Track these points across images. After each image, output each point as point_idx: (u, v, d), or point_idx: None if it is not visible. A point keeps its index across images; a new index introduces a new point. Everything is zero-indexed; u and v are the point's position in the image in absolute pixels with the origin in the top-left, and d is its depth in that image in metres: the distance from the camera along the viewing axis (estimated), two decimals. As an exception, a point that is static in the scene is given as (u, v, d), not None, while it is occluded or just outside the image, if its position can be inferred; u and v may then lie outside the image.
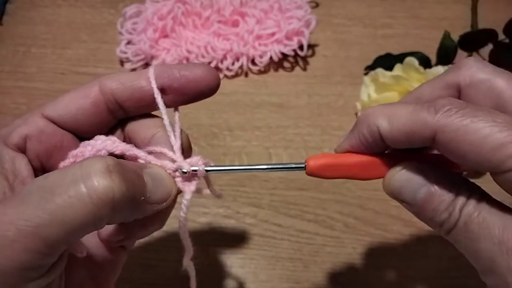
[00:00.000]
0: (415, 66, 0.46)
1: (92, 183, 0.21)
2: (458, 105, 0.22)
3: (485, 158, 0.21)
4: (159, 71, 0.28)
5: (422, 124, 0.22)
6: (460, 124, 0.21)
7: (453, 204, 0.23)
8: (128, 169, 0.23)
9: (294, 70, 0.58)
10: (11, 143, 0.27)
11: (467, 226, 0.22)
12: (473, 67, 0.26)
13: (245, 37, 0.56)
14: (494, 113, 0.21)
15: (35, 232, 0.20)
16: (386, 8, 0.63)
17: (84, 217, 0.21)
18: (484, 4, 0.56)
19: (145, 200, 0.24)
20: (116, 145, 0.26)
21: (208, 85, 0.28)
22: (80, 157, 0.27)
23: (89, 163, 0.21)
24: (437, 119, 0.22)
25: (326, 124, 0.53)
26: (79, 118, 0.28)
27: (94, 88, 0.28)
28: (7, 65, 0.59)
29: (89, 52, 0.60)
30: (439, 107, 0.22)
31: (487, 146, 0.21)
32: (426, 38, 0.59)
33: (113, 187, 0.21)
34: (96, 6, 0.65)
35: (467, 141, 0.21)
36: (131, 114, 0.29)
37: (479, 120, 0.21)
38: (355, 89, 0.54)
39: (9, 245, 0.20)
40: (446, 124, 0.22)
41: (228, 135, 0.52)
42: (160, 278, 0.43)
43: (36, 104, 0.55)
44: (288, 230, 0.46)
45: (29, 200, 0.20)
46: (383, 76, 0.48)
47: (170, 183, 0.26)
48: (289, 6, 0.58)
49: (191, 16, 0.59)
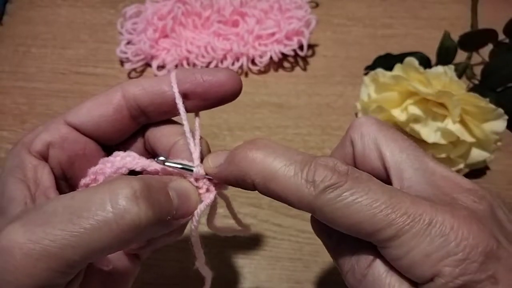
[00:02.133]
0: (415, 66, 0.46)
1: (119, 210, 0.21)
2: (337, 179, 0.22)
3: (363, 237, 0.22)
4: (182, 76, 0.27)
5: (299, 199, 0.22)
6: (337, 206, 0.21)
7: (357, 257, 0.23)
8: (155, 191, 0.23)
9: (294, 70, 0.58)
10: (34, 150, 0.27)
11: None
12: (363, 123, 0.26)
13: (245, 37, 0.56)
14: (371, 193, 0.21)
15: (60, 253, 0.20)
16: (386, 8, 0.63)
17: (110, 242, 0.21)
18: (484, 4, 0.56)
19: (171, 217, 0.24)
20: (136, 162, 0.26)
21: (231, 89, 0.28)
22: (101, 174, 0.27)
23: (116, 186, 0.22)
24: (315, 198, 0.22)
25: (326, 124, 0.53)
26: (101, 124, 0.27)
27: (116, 94, 0.28)
28: (7, 65, 0.59)
29: (89, 52, 0.60)
30: (318, 182, 0.22)
31: (363, 229, 0.21)
32: (426, 38, 0.59)
33: (140, 214, 0.21)
34: (96, 6, 0.65)
35: (345, 223, 0.22)
36: (153, 120, 0.29)
37: (357, 203, 0.21)
38: (355, 89, 0.54)
39: (33, 264, 0.20)
40: (322, 205, 0.22)
41: (228, 135, 0.52)
42: (160, 278, 0.43)
43: (36, 104, 0.56)
44: (288, 230, 0.46)
45: (56, 221, 0.21)
46: (383, 76, 0.48)
47: (195, 196, 0.26)
48: (289, 6, 0.58)
49: (191, 16, 0.59)
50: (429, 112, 0.45)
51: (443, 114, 0.45)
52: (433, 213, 0.21)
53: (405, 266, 0.21)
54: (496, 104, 0.44)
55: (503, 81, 0.49)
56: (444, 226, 0.21)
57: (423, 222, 0.21)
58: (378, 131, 0.26)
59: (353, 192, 0.21)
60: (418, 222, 0.21)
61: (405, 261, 0.21)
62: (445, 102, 0.44)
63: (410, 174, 0.24)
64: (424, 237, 0.20)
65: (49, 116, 0.55)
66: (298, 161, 0.23)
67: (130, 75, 0.58)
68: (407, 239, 0.21)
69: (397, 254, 0.21)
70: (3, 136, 0.53)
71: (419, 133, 0.45)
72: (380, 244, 0.22)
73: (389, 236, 0.21)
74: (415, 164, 0.24)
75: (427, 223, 0.21)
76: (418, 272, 0.21)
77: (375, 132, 0.26)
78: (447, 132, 0.44)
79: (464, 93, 0.44)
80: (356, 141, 0.26)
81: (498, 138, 0.45)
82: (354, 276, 0.23)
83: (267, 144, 0.24)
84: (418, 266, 0.21)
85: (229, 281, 0.43)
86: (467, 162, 0.46)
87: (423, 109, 0.45)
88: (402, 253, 0.21)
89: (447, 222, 0.21)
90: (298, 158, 0.23)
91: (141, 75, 0.58)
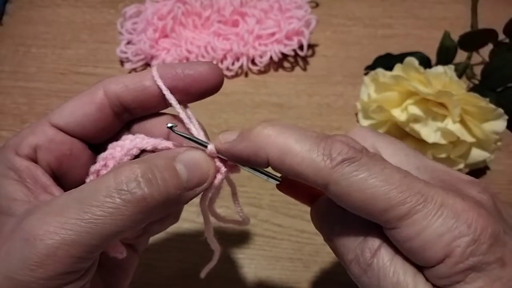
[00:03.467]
0: (415, 66, 0.46)
1: (125, 195, 0.22)
2: (353, 154, 0.22)
3: (374, 216, 0.22)
4: (163, 72, 0.28)
5: (315, 172, 0.22)
6: (353, 180, 0.21)
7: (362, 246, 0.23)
8: (159, 169, 0.24)
9: (294, 70, 0.58)
10: (22, 154, 0.27)
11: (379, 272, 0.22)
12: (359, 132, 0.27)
13: (245, 37, 0.56)
14: (387, 170, 0.22)
15: (78, 240, 0.22)
16: (386, 8, 0.63)
17: (123, 224, 0.23)
18: (484, 4, 0.56)
19: (184, 189, 0.25)
20: (146, 141, 0.27)
21: (213, 83, 0.28)
22: (110, 159, 0.27)
23: (119, 173, 0.23)
24: (331, 170, 0.22)
25: (326, 124, 0.53)
26: (85, 124, 0.28)
27: (98, 93, 0.28)
28: (7, 65, 0.59)
29: (89, 52, 0.60)
30: (335, 155, 0.22)
31: (376, 206, 0.21)
32: (426, 38, 0.59)
33: (144, 195, 0.23)
34: (96, 6, 0.65)
35: (358, 198, 0.22)
36: (137, 115, 0.29)
37: (372, 178, 0.21)
38: (355, 89, 0.54)
39: (53, 252, 0.22)
40: (339, 178, 0.22)
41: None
42: (160, 278, 0.43)
43: (36, 104, 0.56)
44: (288, 230, 0.46)
45: (69, 212, 0.22)
46: (383, 76, 0.48)
47: (205, 164, 0.26)
48: (289, 6, 0.58)
49: (191, 16, 0.59)
50: (429, 112, 0.45)
51: (443, 114, 0.45)
52: (445, 196, 0.21)
53: (416, 247, 0.21)
54: (496, 104, 0.44)
55: (503, 81, 0.49)
56: (456, 208, 0.21)
57: (435, 202, 0.21)
58: (375, 136, 0.26)
59: (369, 168, 0.21)
60: (431, 202, 0.21)
61: (417, 241, 0.21)
62: (445, 102, 0.44)
63: (413, 173, 0.24)
64: (437, 217, 0.21)
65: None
66: (314, 136, 0.23)
67: (130, 75, 0.58)
68: (419, 218, 0.21)
69: (408, 234, 0.21)
70: (3, 136, 0.53)
71: (419, 133, 0.45)
72: (391, 224, 0.21)
73: (401, 214, 0.21)
74: (416, 163, 0.24)
75: (439, 204, 0.21)
76: (430, 253, 0.21)
77: (372, 137, 0.26)
78: (447, 132, 0.44)
79: (464, 93, 0.44)
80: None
81: (498, 138, 0.45)
82: (359, 265, 0.23)
83: (281, 123, 0.24)
84: (431, 246, 0.21)
85: (229, 281, 0.43)
86: (467, 162, 0.46)
87: (423, 109, 0.45)
88: (414, 233, 0.21)
89: (459, 205, 0.21)
90: (314, 134, 0.23)
91: (141, 75, 0.58)
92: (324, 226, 0.26)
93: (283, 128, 0.24)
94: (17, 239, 0.22)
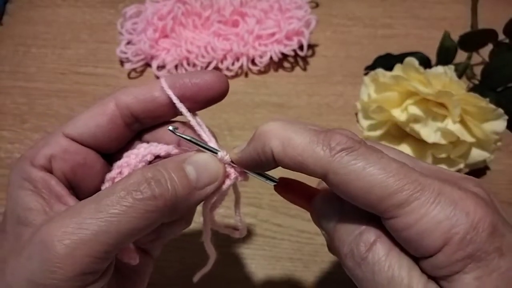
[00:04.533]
0: (415, 66, 0.46)
1: (138, 195, 0.24)
2: (352, 144, 0.22)
3: (372, 205, 0.22)
4: (171, 82, 0.29)
5: (315, 161, 0.23)
6: (351, 168, 0.22)
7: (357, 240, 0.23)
8: (168, 172, 0.25)
9: (294, 70, 0.58)
10: (38, 165, 0.28)
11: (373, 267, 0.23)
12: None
13: (245, 37, 0.56)
14: (384, 160, 0.22)
15: (95, 239, 0.23)
16: (386, 8, 0.63)
17: (137, 223, 0.23)
18: (484, 4, 0.56)
19: (194, 189, 0.26)
20: (159, 147, 0.28)
21: (219, 90, 0.29)
22: (126, 167, 0.28)
23: (132, 177, 0.24)
24: (330, 159, 0.22)
25: (326, 124, 0.53)
26: (98, 135, 0.29)
27: (109, 105, 0.29)
28: (7, 65, 0.59)
29: (89, 52, 0.60)
30: (334, 145, 0.23)
31: (374, 194, 0.22)
32: (426, 38, 0.59)
33: (155, 195, 0.24)
34: (96, 6, 0.65)
35: (357, 187, 0.22)
36: (147, 125, 0.30)
37: (370, 166, 0.22)
38: (355, 89, 0.54)
39: (71, 253, 0.22)
40: (338, 167, 0.22)
41: (228, 135, 0.52)
42: (161, 278, 0.43)
43: (36, 104, 0.56)
44: (288, 230, 0.46)
45: (85, 212, 0.23)
46: (383, 76, 0.48)
47: (214, 165, 0.27)
48: (289, 6, 0.58)
49: (191, 16, 0.59)
50: (429, 112, 0.45)
51: (443, 114, 0.45)
52: (441, 185, 0.22)
53: (414, 235, 0.21)
54: (496, 104, 0.44)
55: (503, 81, 0.49)
56: (453, 196, 0.21)
57: (433, 190, 0.21)
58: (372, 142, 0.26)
59: (366, 157, 0.22)
60: (428, 190, 0.21)
61: (415, 229, 0.21)
62: (445, 102, 0.44)
63: None
64: (434, 205, 0.21)
65: (49, 116, 0.55)
66: (314, 129, 0.24)
67: (130, 75, 0.58)
68: (417, 206, 0.21)
69: (406, 222, 0.21)
70: (3, 136, 0.53)
71: (419, 133, 0.45)
72: (389, 213, 0.22)
73: (399, 202, 0.21)
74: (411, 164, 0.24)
75: (437, 192, 0.21)
76: (429, 241, 0.21)
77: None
78: (447, 132, 0.44)
79: (464, 93, 0.44)
80: None
81: (498, 138, 0.45)
82: (354, 259, 0.23)
83: (283, 119, 0.25)
84: (429, 233, 0.21)
85: (229, 281, 0.43)
86: (467, 162, 0.46)
87: (423, 109, 0.45)
88: (412, 220, 0.21)
89: (456, 194, 0.21)
90: (314, 127, 0.24)
91: (141, 75, 0.58)
92: (322, 222, 0.26)
93: (284, 122, 0.25)
94: (36, 242, 0.23)
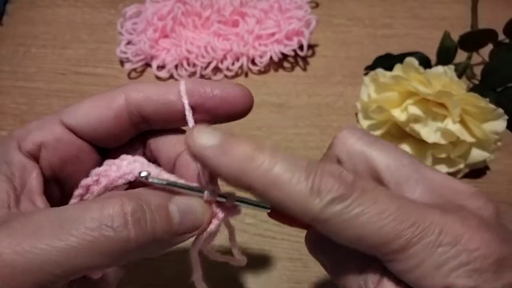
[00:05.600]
0: (415, 66, 0.46)
1: (108, 232, 0.21)
2: (344, 190, 0.20)
3: (368, 251, 0.21)
4: (191, 87, 0.26)
5: (303, 210, 0.21)
6: (344, 218, 0.20)
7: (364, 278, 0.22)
8: (151, 210, 0.22)
9: (294, 70, 0.58)
10: (25, 149, 0.25)
11: None
12: (348, 139, 0.25)
13: (245, 37, 0.56)
14: (379, 204, 0.20)
15: (43, 267, 0.20)
16: (386, 8, 0.63)
17: (97, 261, 0.21)
18: (484, 4, 0.56)
19: (173, 234, 0.23)
20: (144, 169, 0.24)
21: (243, 108, 0.26)
22: (104, 176, 0.25)
23: (108, 207, 0.21)
24: (320, 209, 0.20)
25: (326, 124, 0.53)
26: (99, 129, 0.26)
27: (118, 99, 0.26)
28: (7, 65, 0.59)
29: (89, 52, 0.60)
30: (324, 193, 0.20)
31: (370, 242, 0.20)
32: (426, 38, 0.59)
33: (130, 237, 0.21)
34: (96, 6, 0.65)
35: (351, 235, 0.20)
36: (155, 127, 0.27)
37: (365, 214, 0.20)
38: (355, 89, 0.54)
39: (14, 275, 0.20)
40: (329, 217, 0.20)
41: (228, 135, 0.52)
42: (160, 278, 0.43)
43: (36, 104, 0.55)
44: (288, 230, 0.46)
45: (43, 234, 0.20)
46: (383, 76, 0.48)
47: (200, 212, 0.24)
48: (289, 6, 0.58)
49: (191, 16, 0.59)
50: (429, 112, 0.45)
51: (443, 114, 0.45)
52: (442, 222, 0.20)
53: (415, 279, 0.20)
54: (496, 104, 0.44)
55: (503, 81, 0.49)
56: (455, 236, 0.20)
57: (432, 232, 0.20)
58: (367, 145, 0.24)
59: (360, 203, 0.20)
60: (427, 233, 0.20)
61: (415, 274, 0.20)
62: (445, 102, 0.44)
63: (411, 187, 0.23)
64: (434, 248, 0.20)
65: (49, 116, 0.55)
66: (303, 167, 0.21)
67: (130, 75, 0.58)
68: (417, 251, 0.20)
69: (406, 267, 0.20)
70: (3, 136, 0.53)
71: (419, 133, 0.45)
72: (388, 257, 0.21)
73: (397, 248, 0.20)
74: (413, 175, 0.23)
75: (437, 233, 0.20)
76: (429, 285, 0.20)
77: (363, 146, 0.24)
78: (447, 132, 0.44)
79: (464, 93, 0.44)
80: (344, 160, 0.25)
81: (498, 138, 0.45)
82: None
83: (270, 147, 0.22)
84: (429, 278, 0.20)
85: (229, 281, 0.43)
86: (467, 162, 0.46)
87: (423, 109, 0.45)
88: (412, 265, 0.20)
89: (458, 232, 0.20)
90: (303, 163, 0.21)
91: (141, 75, 0.58)
92: (320, 256, 0.25)
93: (271, 152, 0.21)
94: None
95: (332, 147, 0.26)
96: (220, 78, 0.57)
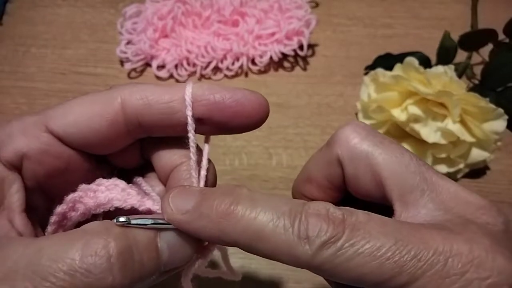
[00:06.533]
0: (415, 66, 0.46)
1: (90, 277, 0.18)
2: (333, 232, 0.19)
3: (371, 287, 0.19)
4: (199, 94, 0.22)
5: (294, 259, 0.19)
6: (337, 262, 0.19)
7: None
8: (139, 250, 0.20)
9: (294, 70, 0.58)
10: (5, 159, 0.22)
11: None
12: (351, 139, 0.23)
13: (245, 37, 0.56)
14: (374, 241, 0.19)
15: None
16: (386, 8, 0.63)
17: None
18: (484, 4, 0.56)
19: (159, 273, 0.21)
20: (124, 199, 0.22)
21: (258, 119, 0.24)
22: (79, 203, 0.23)
23: (91, 247, 0.19)
24: (311, 257, 0.19)
25: (326, 124, 0.53)
26: (90, 138, 0.23)
27: (113, 104, 0.22)
28: (7, 65, 0.59)
29: (89, 52, 0.60)
30: (313, 237, 0.19)
31: (369, 281, 0.19)
32: (426, 38, 0.59)
33: (114, 284, 0.19)
34: (96, 6, 0.65)
35: (347, 277, 0.19)
36: (153, 135, 0.24)
37: (360, 254, 0.18)
38: (355, 89, 0.54)
39: None
40: (321, 263, 0.19)
41: (228, 136, 0.52)
42: (160, 278, 0.43)
43: (36, 104, 0.55)
44: (288, 230, 0.46)
45: (16, 279, 0.18)
46: (383, 76, 0.48)
47: (190, 247, 0.22)
48: (289, 6, 0.58)
49: (191, 16, 0.59)
50: (429, 112, 0.45)
51: (443, 114, 0.45)
52: (447, 249, 0.18)
53: None
54: (496, 104, 0.44)
55: (503, 81, 0.49)
56: (463, 264, 0.18)
57: (437, 262, 0.18)
58: (372, 147, 0.23)
59: (353, 243, 0.19)
60: (432, 264, 0.18)
61: None
62: (445, 102, 0.44)
63: (415, 197, 0.21)
64: (441, 280, 0.18)
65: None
66: (286, 213, 0.19)
67: (130, 75, 0.58)
68: (422, 284, 0.18)
69: None
70: None
71: (419, 133, 0.45)
72: None
73: (401, 283, 0.18)
74: (420, 185, 0.21)
75: (442, 263, 0.18)
76: None
77: (367, 148, 0.23)
78: (447, 132, 0.44)
79: (464, 93, 0.44)
80: (345, 162, 0.23)
81: (498, 138, 0.45)
82: None
83: (248, 196, 0.20)
84: None
85: (228, 281, 0.43)
86: (467, 162, 0.46)
87: (423, 109, 0.45)
88: None
89: (466, 259, 0.18)
90: (285, 208, 0.20)
91: (141, 75, 0.58)
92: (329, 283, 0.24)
93: (250, 203, 0.20)
94: None
95: (334, 145, 0.24)
96: (220, 78, 0.57)
